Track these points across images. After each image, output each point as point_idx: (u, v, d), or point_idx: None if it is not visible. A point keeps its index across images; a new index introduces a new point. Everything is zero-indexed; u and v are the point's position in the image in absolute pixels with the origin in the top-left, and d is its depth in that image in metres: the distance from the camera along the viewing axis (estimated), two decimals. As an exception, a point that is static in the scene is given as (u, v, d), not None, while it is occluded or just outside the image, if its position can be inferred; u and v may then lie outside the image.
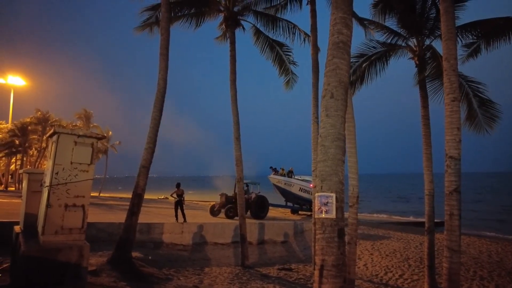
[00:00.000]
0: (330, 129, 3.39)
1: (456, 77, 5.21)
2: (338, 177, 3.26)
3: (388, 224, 18.96)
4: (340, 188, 3.27)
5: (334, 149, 3.34)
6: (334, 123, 3.42)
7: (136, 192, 7.96)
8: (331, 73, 3.56)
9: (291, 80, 11.27)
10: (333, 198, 3.19)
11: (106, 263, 7.09)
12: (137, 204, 7.91)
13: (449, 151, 5.06)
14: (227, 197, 16.34)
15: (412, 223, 20.43)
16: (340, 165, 3.33)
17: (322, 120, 3.51)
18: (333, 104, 3.46)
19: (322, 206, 3.18)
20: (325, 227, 3.15)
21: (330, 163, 3.31)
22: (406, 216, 26.60)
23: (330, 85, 3.54)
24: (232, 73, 10.06)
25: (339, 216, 3.16)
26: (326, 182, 3.26)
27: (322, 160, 3.36)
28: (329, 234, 3.12)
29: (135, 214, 7.84)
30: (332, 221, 3.14)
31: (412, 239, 13.47)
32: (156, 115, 8.50)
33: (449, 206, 4.97)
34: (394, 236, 14.03)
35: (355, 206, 6.97)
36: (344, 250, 3.14)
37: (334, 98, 3.47)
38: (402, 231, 15.36)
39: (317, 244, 3.19)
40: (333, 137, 3.37)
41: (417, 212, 29.32)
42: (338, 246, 3.07)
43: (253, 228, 12.92)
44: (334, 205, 3.16)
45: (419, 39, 8.57)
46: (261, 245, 12.73)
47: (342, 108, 3.49)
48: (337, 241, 3.07)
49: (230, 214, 15.33)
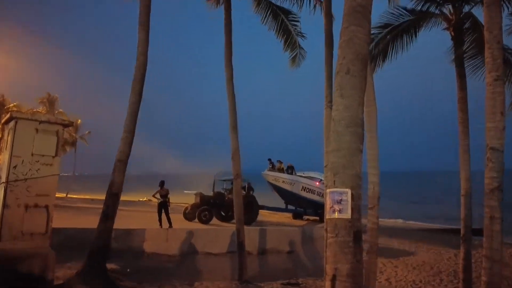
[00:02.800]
0: (345, 111, 3.36)
1: (500, 52, 5.16)
2: (355, 170, 3.24)
3: (412, 231, 19.06)
4: (357, 182, 3.25)
5: (349, 136, 3.31)
6: (349, 105, 3.38)
7: (111, 192, 7.97)
8: (347, 43, 3.51)
9: (298, 56, 11.19)
10: (348, 194, 3.17)
11: (76, 276, 7.14)
12: (112, 206, 7.93)
13: (490, 141, 5.04)
14: (203, 197, 16.43)
15: (441, 230, 20.50)
16: (357, 155, 3.30)
17: (336, 101, 3.48)
18: (349, 82, 3.42)
19: (335, 204, 3.18)
20: (339, 229, 3.14)
21: (345, 152, 3.28)
22: (429, 221, 26.74)
23: (345, 59, 3.50)
24: (228, 47, 9.99)
25: (355, 217, 3.16)
26: (340, 175, 3.24)
27: (335, 150, 3.34)
28: (343, 238, 3.11)
29: (110, 218, 7.87)
30: (347, 222, 3.13)
31: (444, 249, 13.55)
32: (134, 98, 8.47)
33: (489, 208, 4.97)
34: (422, 246, 14.12)
35: (375, 208, 6.97)
36: (361, 257, 3.15)
37: (350, 74, 3.43)
38: (431, 240, 15.46)
39: (328, 250, 3.19)
40: (349, 121, 3.34)
41: (445, 216, 29.54)
42: (354, 252, 3.07)
43: (253, 235, 13.00)
44: (350, 203, 3.15)
45: (456, 5, 8.47)
46: (262, 255, 12.82)
47: (360, 87, 3.45)
48: (352, 246, 3.07)
49: (204, 218, 15.40)
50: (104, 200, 8.07)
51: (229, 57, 10.00)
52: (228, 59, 9.98)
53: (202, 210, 15.53)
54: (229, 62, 9.98)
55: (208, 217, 15.44)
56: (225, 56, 10.01)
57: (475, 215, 5.96)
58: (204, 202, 16.18)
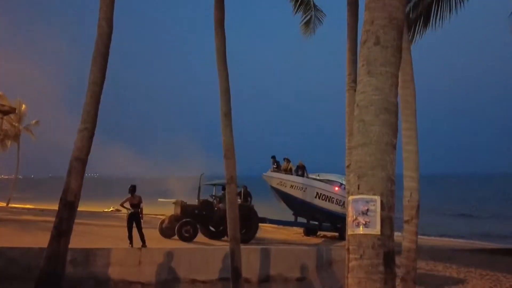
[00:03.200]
0: (374, 94, 3.37)
1: None
2: (386, 171, 3.25)
3: (462, 252, 19.12)
4: (389, 188, 3.25)
5: (379, 127, 3.32)
6: (380, 86, 3.39)
7: (65, 200, 8.00)
8: (376, 4, 3.52)
9: (314, 20, 11.17)
10: (377, 203, 3.18)
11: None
12: (67, 219, 7.96)
13: None
14: (185, 207, 16.48)
15: (500, 251, 20.58)
16: (390, 152, 3.31)
17: (361, 81, 3.49)
18: (380, 55, 3.42)
19: (359, 216, 3.19)
20: (364, 248, 3.15)
21: (373, 148, 3.29)
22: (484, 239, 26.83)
23: (374, 24, 3.50)
24: (219, 9, 9.96)
25: (386, 233, 3.16)
26: (366, 178, 3.25)
27: (360, 145, 3.35)
28: (370, 260, 3.12)
29: (64, 235, 7.90)
30: (376, 239, 3.14)
31: (503, 274, 13.60)
32: (96, 78, 8.50)
33: None
34: (475, 271, 14.17)
35: (413, 222, 7.00)
36: (394, 285, 3.16)
37: (380, 44, 3.43)
38: (486, 263, 15.50)
39: (350, 276, 3.20)
40: (379, 107, 3.34)
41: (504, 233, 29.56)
42: (385, 279, 3.09)
43: (253, 257, 13.04)
44: (378, 215, 3.16)
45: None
46: (264, 283, 12.87)
47: (393, 62, 3.46)
48: (382, 271, 3.08)
49: (186, 234, 15.42)
50: (57, 211, 8.08)
51: (220, 20, 9.95)
52: (219, 23, 9.93)
53: (183, 223, 15.50)
54: (220, 27, 9.94)
55: (191, 233, 15.44)
56: (215, 19, 9.96)
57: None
58: (187, 213, 16.16)
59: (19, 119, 40.27)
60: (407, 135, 7.16)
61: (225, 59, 10.01)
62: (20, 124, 40.50)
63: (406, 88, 7.20)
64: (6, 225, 17.47)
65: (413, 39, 8.72)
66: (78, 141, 8.28)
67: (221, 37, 9.97)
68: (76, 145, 8.26)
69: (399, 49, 3.51)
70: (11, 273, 10.24)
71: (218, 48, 9.97)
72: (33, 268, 9.63)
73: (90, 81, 8.50)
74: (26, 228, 16.96)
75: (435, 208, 51.92)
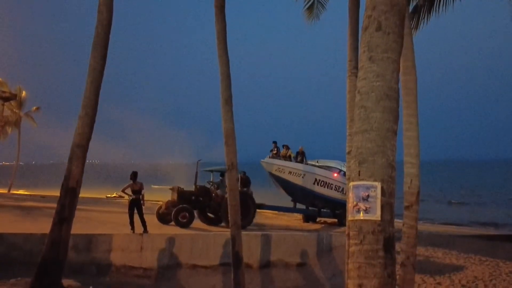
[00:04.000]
0: (375, 80, 3.36)
1: None
2: (386, 157, 3.26)
3: (462, 239, 19.20)
4: (389, 174, 3.27)
5: (380, 113, 3.32)
6: (381, 72, 3.39)
7: (67, 187, 8.04)
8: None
9: (317, 4, 11.06)
10: (378, 189, 3.20)
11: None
12: (69, 206, 8.01)
13: None
14: (182, 193, 16.49)
15: (500, 237, 20.66)
16: (390, 138, 3.31)
17: (363, 67, 3.48)
18: (381, 41, 3.41)
19: (360, 202, 3.20)
20: (364, 234, 3.17)
21: (374, 135, 3.29)
22: (484, 226, 26.97)
23: (376, 10, 3.48)
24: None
25: (386, 218, 3.18)
26: (367, 164, 3.26)
27: (361, 131, 3.35)
28: (370, 246, 3.14)
29: (66, 221, 7.95)
30: (376, 225, 3.16)
31: (503, 261, 13.65)
32: (96, 64, 8.47)
33: None
34: (474, 257, 14.23)
35: (413, 208, 7.02)
36: (393, 270, 3.18)
37: (382, 30, 3.42)
38: (486, 249, 15.56)
39: (350, 261, 3.22)
40: (380, 93, 3.34)
41: (505, 219, 29.66)
42: (384, 264, 3.11)
43: (254, 243, 13.12)
44: (379, 201, 3.17)
45: None
46: (265, 269, 12.97)
47: (395, 48, 3.45)
48: (382, 256, 3.11)
49: (183, 220, 15.33)
50: (59, 197, 8.13)
51: (220, 5, 9.86)
52: (219, 7, 9.85)
53: (179, 209, 15.38)
54: (220, 11, 9.85)
55: (187, 219, 15.31)
56: (216, 3, 9.87)
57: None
58: (183, 199, 16.07)
59: (20, 106, 40.20)
60: (408, 121, 7.14)
61: (226, 44, 9.94)
62: (21, 110, 40.45)
63: (408, 75, 7.17)
64: (7, 212, 17.55)
65: (417, 26, 8.65)
66: (79, 127, 8.29)
67: (222, 22, 9.89)
68: (77, 132, 8.28)
69: (400, 35, 3.50)
70: (13, 259, 10.32)
71: (218, 33, 9.89)
72: (35, 254, 9.71)
73: (89, 68, 8.48)
74: (28, 215, 17.04)
75: (437, 194, 52.11)
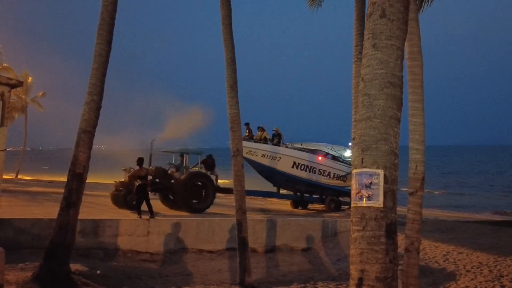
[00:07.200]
0: (379, 68, 3.36)
1: None
2: (389, 144, 3.27)
3: (467, 225, 19.18)
4: (392, 161, 3.28)
5: (384, 101, 3.33)
6: (385, 59, 3.38)
7: (74, 172, 8.11)
8: (382, -26, 3.46)
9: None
10: (380, 176, 3.22)
11: (32, 280, 7.37)
12: (76, 191, 8.09)
13: None
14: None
15: (507, 223, 20.62)
16: (393, 125, 3.33)
17: (367, 54, 3.48)
18: (385, 28, 3.40)
19: (363, 189, 3.22)
20: (367, 220, 3.21)
21: (378, 122, 3.31)
22: (491, 211, 27.02)
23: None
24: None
25: (388, 205, 3.21)
26: (370, 152, 3.28)
27: (364, 118, 3.37)
28: (372, 232, 3.18)
29: (74, 206, 8.04)
30: (378, 211, 3.19)
31: (508, 247, 13.65)
32: (101, 49, 8.49)
33: None
34: (478, 243, 14.25)
35: (418, 194, 7.02)
36: (395, 256, 3.22)
37: (386, 17, 3.41)
38: (492, 235, 15.55)
39: (353, 247, 3.26)
40: (384, 80, 3.34)
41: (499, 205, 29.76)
42: (386, 250, 3.14)
43: (259, 227, 13.23)
44: (382, 188, 3.19)
45: None
46: (270, 253, 13.08)
47: (399, 35, 3.44)
48: (384, 242, 3.14)
49: (133, 201, 13.96)
50: (66, 182, 8.20)
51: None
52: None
53: (129, 191, 14.71)
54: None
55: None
56: None
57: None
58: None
59: (26, 91, 40.30)
60: (414, 107, 7.10)
61: (231, 29, 9.92)
62: (27, 96, 40.56)
63: (414, 60, 7.10)
64: (15, 197, 17.72)
65: (421, 9, 8.56)
66: (85, 113, 8.33)
67: (227, 7, 9.87)
68: (83, 118, 8.32)
69: (405, 22, 3.48)
70: (21, 244, 10.45)
71: (223, 18, 9.87)
72: (43, 238, 9.85)
73: (95, 52, 8.48)
74: (35, 200, 17.22)
75: (443, 180, 51.97)
